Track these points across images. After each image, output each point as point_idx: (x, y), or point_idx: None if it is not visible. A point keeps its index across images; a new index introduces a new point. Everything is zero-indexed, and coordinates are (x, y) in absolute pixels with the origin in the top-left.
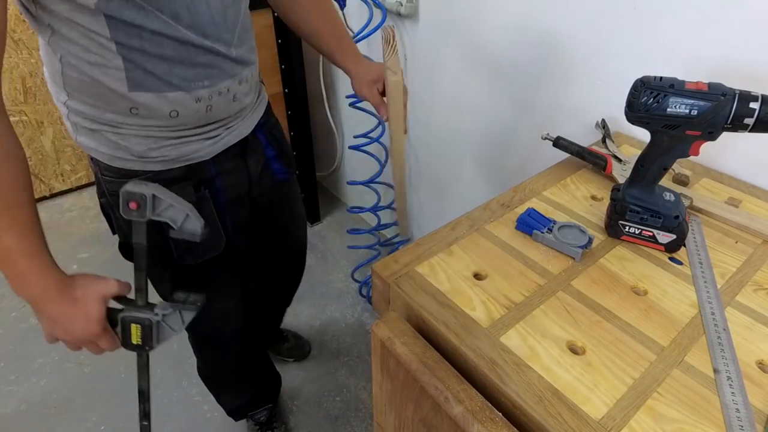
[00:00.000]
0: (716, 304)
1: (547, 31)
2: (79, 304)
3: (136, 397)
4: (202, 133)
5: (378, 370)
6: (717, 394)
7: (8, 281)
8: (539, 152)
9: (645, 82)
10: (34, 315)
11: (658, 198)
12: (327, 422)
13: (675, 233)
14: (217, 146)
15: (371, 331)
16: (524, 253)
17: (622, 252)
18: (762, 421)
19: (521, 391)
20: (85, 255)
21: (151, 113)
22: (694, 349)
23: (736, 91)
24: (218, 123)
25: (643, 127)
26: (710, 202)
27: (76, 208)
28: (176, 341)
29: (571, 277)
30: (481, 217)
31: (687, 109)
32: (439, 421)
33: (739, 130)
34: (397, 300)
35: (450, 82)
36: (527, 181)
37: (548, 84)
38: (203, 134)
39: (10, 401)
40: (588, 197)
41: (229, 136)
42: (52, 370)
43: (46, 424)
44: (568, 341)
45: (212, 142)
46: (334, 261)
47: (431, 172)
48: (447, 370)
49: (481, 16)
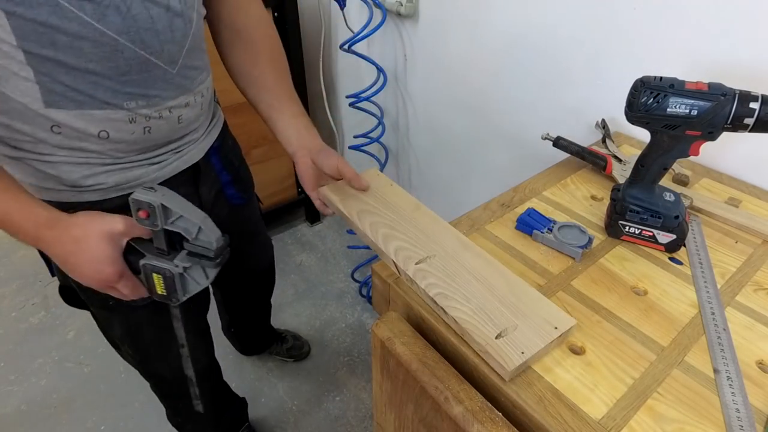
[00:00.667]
0: (716, 304)
1: (547, 31)
2: (81, 244)
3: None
4: (144, 159)
5: (378, 370)
6: (717, 394)
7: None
8: (539, 152)
9: (645, 82)
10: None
11: (658, 198)
12: (327, 422)
13: (675, 233)
14: (163, 172)
15: (371, 331)
16: (524, 253)
17: (622, 252)
18: (762, 421)
19: (521, 391)
20: None
21: (76, 134)
22: (694, 349)
23: (736, 91)
24: (164, 147)
25: (643, 127)
26: (710, 202)
27: None
28: None
29: (571, 277)
30: (481, 217)
31: (687, 109)
32: (439, 421)
33: (739, 130)
34: (397, 300)
35: (450, 82)
36: (527, 181)
37: (548, 84)
38: (146, 159)
39: (10, 401)
40: (588, 197)
41: (178, 161)
42: (52, 370)
43: (46, 424)
44: (568, 341)
45: (158, 167)
46: (334, 261)
47: (431, 172)
48: (447, 370)
49: (480, 16)
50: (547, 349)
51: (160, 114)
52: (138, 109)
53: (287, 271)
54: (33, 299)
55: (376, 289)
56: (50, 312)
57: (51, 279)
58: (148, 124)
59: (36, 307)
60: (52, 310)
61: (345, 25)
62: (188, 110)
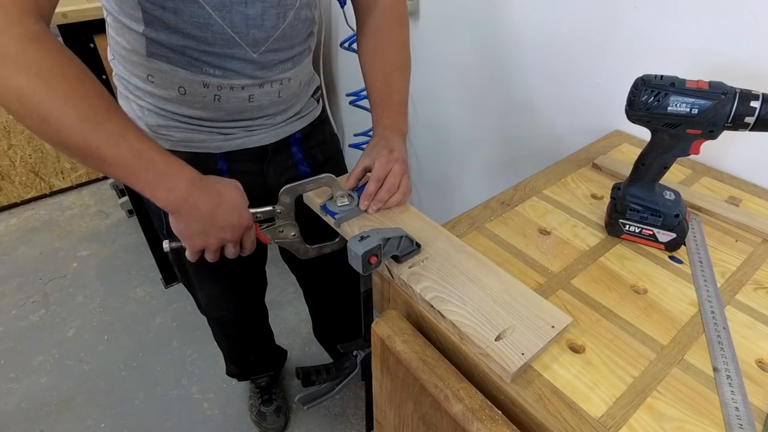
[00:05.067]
0: (716, 303)
1: (548, 30)
2: (224, 196)
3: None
4: (213, 127)
5: (378, 368)
6: (716, 393)
7: (145, 190)
8: (540, 150)
9: (646, 80)
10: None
11: (659, 197)
12: (327, 420)
13: (675, 232)
14: (229, 144)
15: (371, 329)
16: (524, 251)
17: (622, 251)
18: (761, 419)
19: (521, 389)
20: (85, 253)
21: (164, 83)
22: (693, 347)
23: (736, 89)
24: (234, 122)
25: (643, 126)
26: (710, 200)
27: (76, 206)
28: (176, 339)
29: (571, 276)
30: (482, 216)
31: (687, 107)
32: (438, 419)
33: (740, 128)
34: (397, 298)
35: (450, 80)
36: (527, 179)
37: (548, 83)
38: (217, 128)
39: (10, 399)
40: (588, 195)
41: (246, 139)
42: (53, 368)
43: (47, 421)
44: (567, 339)
45: (224, 138)
46: None
47: (431, 171)
48: (447, 368)
49: (481, 15)
50: (546, 348)
51: (231, 86)
52: (213, 78)
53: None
54: (33, 297)
55: (376, 287)
56: (50, 310)
57: (51, 277)
58: (219, 93)
59: (36, 304)
60: (52, 307)
61: (345, 24)
62: (261, 93)
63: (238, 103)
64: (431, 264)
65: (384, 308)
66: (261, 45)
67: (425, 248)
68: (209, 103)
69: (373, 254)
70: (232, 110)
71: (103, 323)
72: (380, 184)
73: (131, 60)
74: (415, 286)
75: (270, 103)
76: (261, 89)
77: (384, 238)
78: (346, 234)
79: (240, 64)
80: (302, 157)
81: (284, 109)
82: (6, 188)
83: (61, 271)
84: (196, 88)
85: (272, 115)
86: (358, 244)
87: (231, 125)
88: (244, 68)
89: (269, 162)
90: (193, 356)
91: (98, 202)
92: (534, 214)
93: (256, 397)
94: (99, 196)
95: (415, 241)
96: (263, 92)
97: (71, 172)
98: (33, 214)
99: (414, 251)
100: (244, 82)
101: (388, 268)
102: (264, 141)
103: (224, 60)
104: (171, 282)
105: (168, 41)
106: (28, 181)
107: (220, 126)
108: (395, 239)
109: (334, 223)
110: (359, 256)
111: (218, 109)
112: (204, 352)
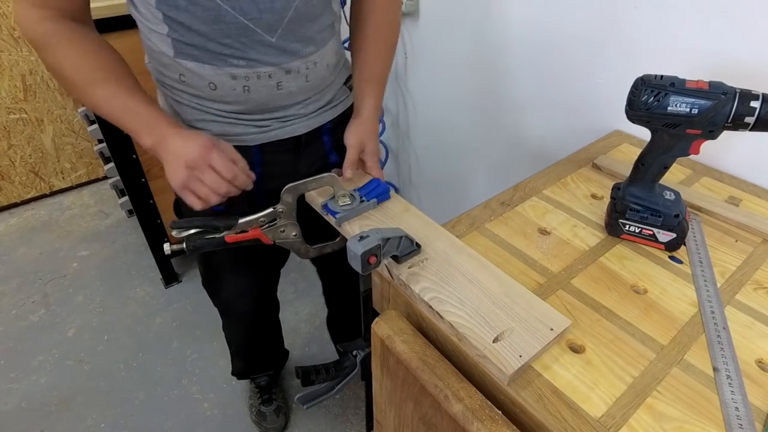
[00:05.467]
0: (716, 303)
1: (548, 30)
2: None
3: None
4: (250, 120)
5: (378, 368)
6: (716, 393)
7: (135, 136)
8: (540, 150)
9: (646, 80)
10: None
11: (659, 197)
12: (327, 420)
13: (675, 232)
14: (264, 136)
15: (371, 329)
16: (524, 251)
17: (622, 251)
18: (761, 419)
19: (521, 389)
20: (85, 253)
21: (194, 82)
22: (693, 347)
23: (736, 89)
24: (268, 114)
25: (643, 126)
26: (710, 200)
27: (76, 206)
28: (176, 339)
29: (571, 276)
30: (481, 216)
31: (687, 107)
32: (438, 419)
33: (740, 128)
34: (397, 298)
35: (450, 80)
36: (527, 179)
37: (548, 83)
38: (252, 121)
39: (10, 399)
40: (588, 196)
41: (280, 130)
42: (52, 368)
43: (47, 421)
44: (568, 340)
45: (260, 130)
46: None
47: (431, 170)
48: (447, 368)
49: (481, 15)
50: (544, 350)
51: (258, 75)
52: (238, 69)
53: (287, 270)
54: (33, 297)
55: (376, 287)
56: (50, 310)
57: (51, 277)
58: (248, 84)
59: (36, 304)
60: (52, 307)
61: (346, 23)
62: (289, 79)
63: (267, 93)
64: (431, 265)
65: (384, 308)
66: (276, 28)
67: (425, 249)
68: (240, 95)
69: (372, 254)
70: (262, 101)
71: (103, 323)
72: None
73: (162, 62)
74: (414, 286)
75: (299, 90)
76: (288, 75)
77: (384, 238)
78: (347, 233)
79: (261, 51)
80: (332, 147)
81: (316, 98)
82: (6, 188)
83: (61, 271)
84: (225, 82)
85: (304, 104)
86: (358, 243)
87: (265, 117)
88: (265, 55)
89: (302, 152)
90: (193, 356)
91: (98, 202)
92: (534, 214)
93: (256, 396)
94: (99, 196)
95: (415, 241)
96: (290, 78)
97: (71, 172)
98: (33, 214)
99: (414, 251)
100: (270, 69)
101: (388, 269)
102: (297, 131)
103: (245, 49)
104: (171, 282)
105: (190, 40)
106: (28, 181)
107: (255, 119)
108: (395, 239)
109: (335, 223)
110: (358, 255)
111: (249, 101)
112: (204, 352)
